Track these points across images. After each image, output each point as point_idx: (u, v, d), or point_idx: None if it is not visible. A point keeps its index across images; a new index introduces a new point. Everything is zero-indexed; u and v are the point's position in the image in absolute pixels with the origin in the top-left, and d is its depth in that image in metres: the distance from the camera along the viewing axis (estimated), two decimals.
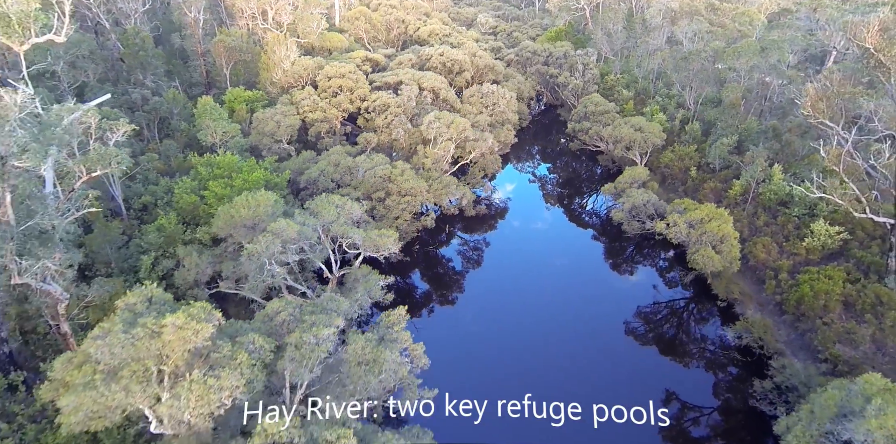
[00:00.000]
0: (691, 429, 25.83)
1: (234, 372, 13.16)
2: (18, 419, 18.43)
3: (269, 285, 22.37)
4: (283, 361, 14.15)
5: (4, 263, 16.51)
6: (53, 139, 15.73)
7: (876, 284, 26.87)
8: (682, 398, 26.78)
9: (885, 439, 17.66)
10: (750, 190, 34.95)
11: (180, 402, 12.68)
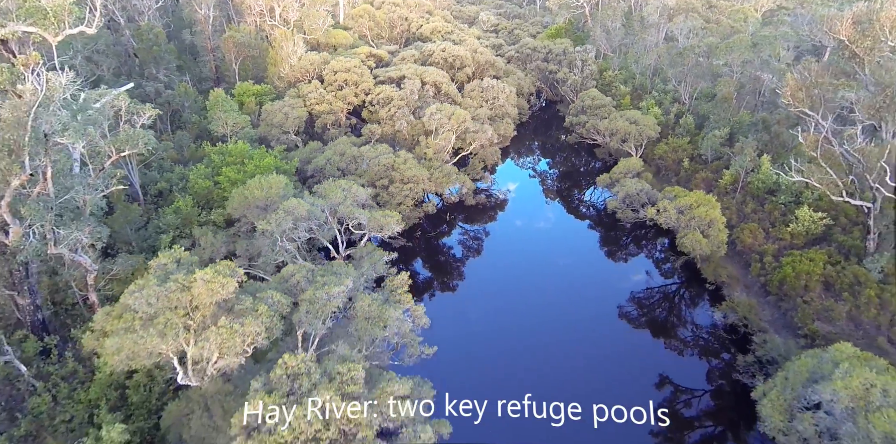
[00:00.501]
0: (683, 410, 27.35)
1: (256, 321, 14.97)
2: (53, 379, 20.28)
3: (280, 263, 24.14)
4: (298, 314, 15.94)
5: (44, 232, 18.33)
6: (90, 120, 17.58)
7: (855, 265, 28.50)
8: (674, 377, 28.10)
9: (849, 398, 19.31)
10: (739, 179, 36.60)
11: (209, 344, 14.45)
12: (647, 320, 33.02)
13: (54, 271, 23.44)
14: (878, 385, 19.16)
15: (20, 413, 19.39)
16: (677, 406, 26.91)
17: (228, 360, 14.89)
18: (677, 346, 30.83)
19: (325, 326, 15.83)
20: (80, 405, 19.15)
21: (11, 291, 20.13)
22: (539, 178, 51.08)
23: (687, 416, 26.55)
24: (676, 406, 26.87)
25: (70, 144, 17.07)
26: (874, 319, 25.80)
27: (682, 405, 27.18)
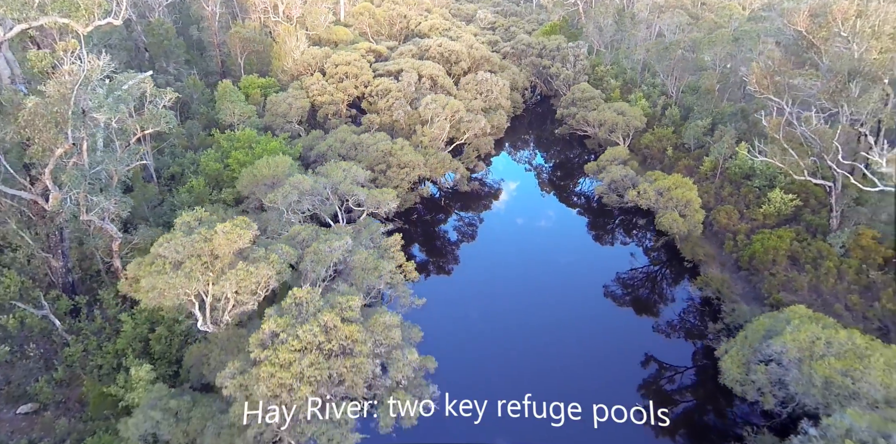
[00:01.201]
0: (666, 386, 29.48)
1: (268, 266, 17.54)
2: (83, 333, 22.88)
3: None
4: (304, 263, 18.50)
5: (77, 200, 20.96)
6: (121, 99, 20.18)
7: (820, 241, 30.99)
8: (654, 349, 30.10)
9: (797, 350, 21.81)
10: (718, 166, 39.14)
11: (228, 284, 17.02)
12: (630, 299, 35.45)
13: (81, 242, 26.09)
14: (822, 338, 21.64)
15: (56, 362, 22.00)
16: (661, 382, 28.95)
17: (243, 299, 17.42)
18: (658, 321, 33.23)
19: (328, 272, 18.39)
20: (109, 355, 21.73)
21: (47, 253, 22.73)
22: (532, 168, 53.74)
23: (668, 390, 28.62)
24: (660, 382, 28.92)
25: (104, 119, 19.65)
26: (832, 288, 28.29)
27: (665, 380, 29.19)
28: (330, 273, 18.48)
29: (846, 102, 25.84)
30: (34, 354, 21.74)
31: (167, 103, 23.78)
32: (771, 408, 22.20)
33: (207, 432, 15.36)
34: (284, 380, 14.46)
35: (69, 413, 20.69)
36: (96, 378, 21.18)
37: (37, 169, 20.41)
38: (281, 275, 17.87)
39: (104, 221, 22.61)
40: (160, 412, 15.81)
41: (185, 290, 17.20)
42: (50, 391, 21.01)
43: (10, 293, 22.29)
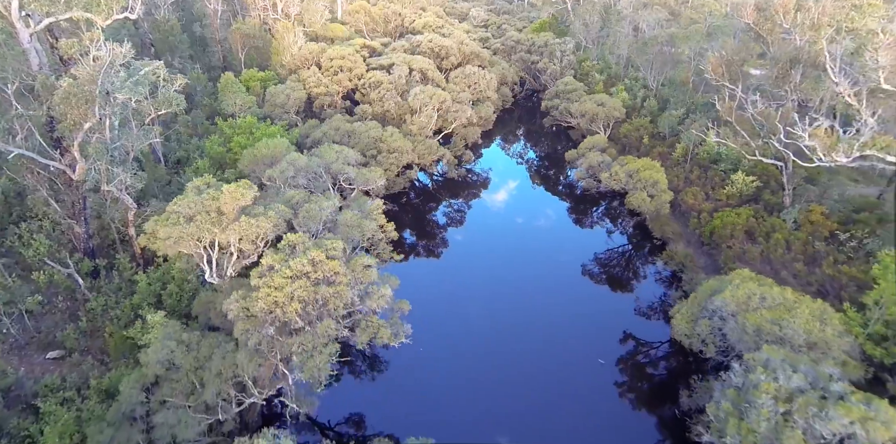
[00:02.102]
0: (643, 360, 32.29)
1: (267, 220, 20.78)
2: (103, 291, 26.14)
3: None
4: (298, 219, 21.73)
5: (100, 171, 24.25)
6: (139, 82, 23.46)
7: (774, 217, 34.15)
8: (627, 320, 33.15)
9: (734, 304, 24.97)
10: (688, 152, 42.36)
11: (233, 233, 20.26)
12: (606, 275, 38.64)
13: (99, 215, 29.41)
14: (757, 294, 24.83)
15: (80, 314, 25.26)
16: (637, 358, 31.76)
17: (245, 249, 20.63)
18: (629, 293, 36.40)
19: (318, 227, 21.61)
20: (127, 308, 24.97)
21: (71, 220, 26.00)
22: (520, 158, 57.08)
23: (642, 362, 31.40)
24: (637, 357, 31.74)
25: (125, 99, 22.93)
26: (781, 257, 31.44)
27: (640, 355, 31.88)
28: (320, 228, 21.67)
29: (789, 87, 29.02)
30: (61, 305, 25.00)
31: (178, 88, 27.08)
32: (712, 356, 25.32)
33: (215, 357, 18.51)
34: (278, 299, 17.70)
35: (93, 358, 23.94)
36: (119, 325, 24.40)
37: (67, 142, 23.68)
38: (277, 227, 21.10)
39: (122, 192, 25.89)
40: (174, 342, 19.00)
41: (196, 239, 20.42)
42: (75, 339, 24.26)
43: (40, 254, 25.57)
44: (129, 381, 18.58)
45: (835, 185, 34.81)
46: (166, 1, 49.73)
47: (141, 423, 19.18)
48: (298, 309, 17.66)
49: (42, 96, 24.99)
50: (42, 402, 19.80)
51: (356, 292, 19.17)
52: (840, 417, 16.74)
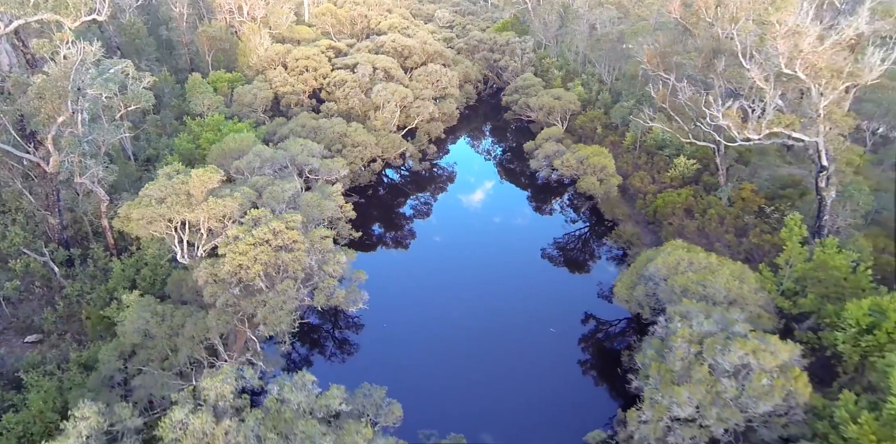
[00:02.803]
0: (602, 337, 34.95)
1: (234, 200, 22.93)
2: (79, 278, 27.86)
3: None
4: (262, 200, 23.91)
5: (73, 163, 26.06)
6: (109, 78, 25.36)
7: (711, 196, 37.49)
8: (581, 292, 36.10)
9: (665, 269, 27.88)
10: (637, 140, 45.69)
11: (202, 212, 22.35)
12: (564, 257, 41.56)
13: (71, 209, 31.08)
14: (686, 259, 27.83)
15: (56, 299, 26.94)
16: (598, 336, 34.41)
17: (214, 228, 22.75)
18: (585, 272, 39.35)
19: (282, 207, 23.84)
20: (103, 292, 26.76)
21: (46, 211, 27.67)
22: (484, 152, 60.01)
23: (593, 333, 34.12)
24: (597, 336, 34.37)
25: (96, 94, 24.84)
26: (714, 230, 34.70)
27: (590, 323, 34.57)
28: (283, 207, 23.88)
29: (715, 75, 32.34)
30: (38, 292, 26.65)
31: (146, 85, 29.02)
32: (648, 317, 28.22)
33: (187, 324, 20.51)
34: (242, 262, 19.87)
35: (71, 339, 25.66)
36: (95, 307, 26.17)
37: (41, 135, 25.42)
38: (243, 207, 23.25)
39: (94, 184, 27.69)
40: (149, 313, 20.95)
41: (168, 219, 22.45)
42: (53, 323, 25.93)
43: (15, 245, 27.18)
44: (107, 349, 20.48)
45: (765, 165, 38.32)
46: (131, 5, 51.29)
47: (120, 389, 21.10)
48: (260, 272, 19.90)
49: (14, 94, 26.72)
50: (24, 374, 21.54)
51: (314, 259, 21.49)
52: (738, 350, 19.63)
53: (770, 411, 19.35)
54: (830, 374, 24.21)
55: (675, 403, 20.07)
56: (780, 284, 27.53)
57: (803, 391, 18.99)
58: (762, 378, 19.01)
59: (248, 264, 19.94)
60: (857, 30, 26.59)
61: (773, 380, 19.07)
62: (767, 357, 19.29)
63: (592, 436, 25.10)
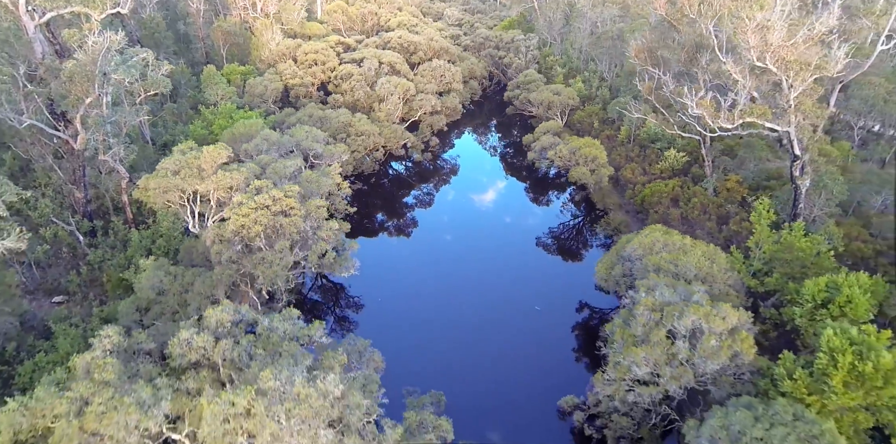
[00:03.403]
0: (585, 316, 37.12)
1: (240, 173, 25.60)
2: (101, 246, 30.79)
3: None
4: (266, 174, 26.59)
5: (98, 142, 28.98)
6: (132, 65, 28.22)
7: (697, 186, 39.44)
8: (573, 281, 38.29)
9: (641, 249, 30.03)
10: (631, 134, 47.72)
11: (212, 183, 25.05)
12: (557, 244, 43.79)
13: (95, 185, 34.10)
14: (661, 240, 29.93)
15: (81, 264, 29.89)
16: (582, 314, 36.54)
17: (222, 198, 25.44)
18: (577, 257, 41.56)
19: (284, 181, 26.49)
20: (122, 260, 29.64)
21: (73, 185, 30.66)
22: (487, 146, 62.42)
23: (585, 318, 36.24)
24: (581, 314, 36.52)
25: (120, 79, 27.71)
26: (697, 218, 36.67)
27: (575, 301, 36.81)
28: (284, 181, 26.51)
29: (698, 68, 34.38)
30: (65, 256, 29.62)
31: (164, 73, 31.90)
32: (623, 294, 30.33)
33: (196, 283, 23.16)
34: (245, 223, 22.49)
35: (93, 298, 28.56)
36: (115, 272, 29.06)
37: (70, 115, 28.36)
38: (248, 180, 25.92)
39: (116, 162, 30.63)
40: (163, 272, 23.65)
41: (181, 190, 25.19)
42: (77, 286, 28.86)
43: (45, 216, 30.21)
44: (126, 304, 23.24)
45: (752, 158, 40.13)
46: (152, 0, 54.60)
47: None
48: (260, 233, 22.50)
49: (46, 79, 29.77)
50: (54, 324, 24.41)
51: (309, 224, 24.06)
52: (692, 315, 21.75)
53: (719, 370, 21.44)
54: (793, 349, 26.15)
55: (634, 363, 22.24)
56: (752, 265, 29.48)
57: (748, 351, 21.06)
58: (711, 340, 21.12)
59: (249, 225, 22.59)
60: (827, 25, 28.51)
61: (722, 342, 21.16)
62: (718, 321, 21.39)
63: (566, 400, 27.39)
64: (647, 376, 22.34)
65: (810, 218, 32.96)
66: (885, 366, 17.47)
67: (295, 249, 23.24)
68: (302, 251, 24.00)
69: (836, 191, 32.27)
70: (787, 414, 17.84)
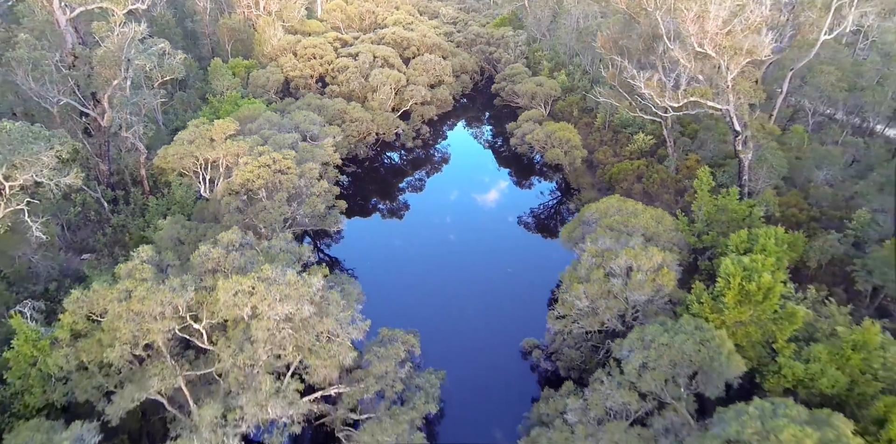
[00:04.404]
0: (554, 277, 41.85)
1: (246, 143, 30.60)
2: (123, 212, 35.83)
3: None
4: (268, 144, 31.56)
5: (121, 120, 34.07)
6: (151, 52, 33.32)
7: (660, 165, 44.14)
8: (553, 256, 43.15)
9: (597, 213, 34.72)
10: (605, 120, 52.52)
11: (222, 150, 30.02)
12: (535, 221, 48.58)
13: (116, 161, 39.21)
14: (615, 205, 34.64)
15: (105, 227, 34.91)
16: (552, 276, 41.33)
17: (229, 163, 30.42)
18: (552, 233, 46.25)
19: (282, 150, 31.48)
20: (141, 223, 34.64)
21: (98, 159, 35.73)
22: (476, 135, 67.40)
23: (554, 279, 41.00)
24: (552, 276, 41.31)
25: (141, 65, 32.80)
26: (657, 192, 41.35)
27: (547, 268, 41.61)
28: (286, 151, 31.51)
29: (656, 56, 39.18)
30: (92, 220, 34.66)
31: (178, 61, 37.05)
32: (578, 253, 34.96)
33: (208, 233, 27.99)
34: (249, 177, 27.36)
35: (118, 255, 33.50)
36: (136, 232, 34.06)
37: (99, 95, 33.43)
38: (252, 148, 30.87)
39: (136, 139, 35.72)
40: (180, 226, 28.51)
41: (195, 157, 30.12)
42: (103, 245, 33.85)
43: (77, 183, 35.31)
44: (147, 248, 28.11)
45: (712, 139, 44.80)
46: None
47: None
48: (262, 185, 27.36)
49: (77, 65, 34.94)
50: (86, 270, 29.34)
51: (303, 182, 28.93)
52: (624, 256, 26.42)
53: (646, 301, 26.07)
54: None
55: (576, 297, 26.92)
56: (695, 227, 34.11)
57: (669, 284, 25.71)
58: (638, 275, 25.78)
59: (253, 179, 27.45)
60: (761, 15, 33.29)
61: (647, 277, 25.81)
62: (646, 260, 26.07)
63: (526, 341, 32.10)
64: (587, 308, 27.00)
65: (756, 189, 37.58)
66: (766, 284, 22.09)
67: (293, 203, 28.13)
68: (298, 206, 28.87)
69: (775, 164, 36.87)
70: (690, 326, 22.46)
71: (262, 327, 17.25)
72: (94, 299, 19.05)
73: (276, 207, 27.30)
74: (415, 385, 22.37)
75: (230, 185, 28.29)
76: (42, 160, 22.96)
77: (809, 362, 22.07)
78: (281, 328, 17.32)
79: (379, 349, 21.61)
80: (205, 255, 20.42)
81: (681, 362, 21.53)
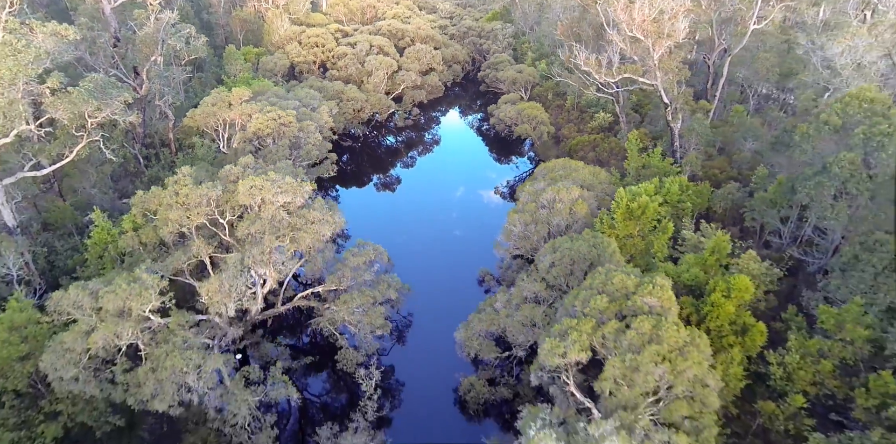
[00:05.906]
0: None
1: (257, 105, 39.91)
2: (154, 166, 45.24)
3: None
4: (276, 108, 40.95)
5: (155, 90, 43.49)
6: (181, 35, 42.71)
7: (613, 137, 52.82)
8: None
9: (546, 170, 43.45)
10: (574, 102, 61.32)
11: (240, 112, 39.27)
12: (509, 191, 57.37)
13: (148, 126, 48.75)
14: (560, 163, 43.37)
15: (141, 177, 44.30)
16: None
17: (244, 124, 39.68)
18: None
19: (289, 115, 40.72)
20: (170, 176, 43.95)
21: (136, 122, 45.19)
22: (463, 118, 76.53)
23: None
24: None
25: (173, 45, 42.21)
26: (607, 158, 50.01)
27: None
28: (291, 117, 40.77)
29: (603, 41, 47.97)
30: (130, 172, 44.07)
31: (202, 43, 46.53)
32: None
33: None
34: (260, 127, 36.47)
35: None
36: None
37: (139, 68, 42.91)
38: (262, 109, 40.09)
39: (167, 107, 45.15)
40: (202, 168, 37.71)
41: (216, 117, 39.37)
42: None
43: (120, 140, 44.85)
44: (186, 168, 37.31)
45: (656, 115, 53.36)
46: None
47: None
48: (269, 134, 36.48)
49: (120, 46, 44.49)
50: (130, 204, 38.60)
51: (302, 134, 37.97)
52: (550, 191, 35.08)
53: (566, 225, 34.69)
54: None
55: (513, 224, 35.63)
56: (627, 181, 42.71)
57: (582, 211, 34.33)
58: (558, 205, 34.45)
59: (262, 129, 36.55)
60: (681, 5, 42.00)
61: (566, 206, 34.48)
62: (565, 194, 34.74)
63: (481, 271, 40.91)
64: (521, 233, 35.69)
65: (685, 153, 46.06)
66: (643, 204, 30.71)
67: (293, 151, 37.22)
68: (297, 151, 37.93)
69: (700, 132, 45.38)
70: (589, 236, 31.09)
71: (268, 209, 26.18)
72: (151, 197, 28.11)
73: (280, 150, 36.39)
74: (382, 280, 31.25)
75: (244, 135, 37.50)
76: (115, 104, 32.33)
77: (678, 263, 30.59)
78: (280, 212, 26.25)
79: (354, 250, 30.52)
80: (228, 170, 29.49)
81: (578, 260, 30.13)
